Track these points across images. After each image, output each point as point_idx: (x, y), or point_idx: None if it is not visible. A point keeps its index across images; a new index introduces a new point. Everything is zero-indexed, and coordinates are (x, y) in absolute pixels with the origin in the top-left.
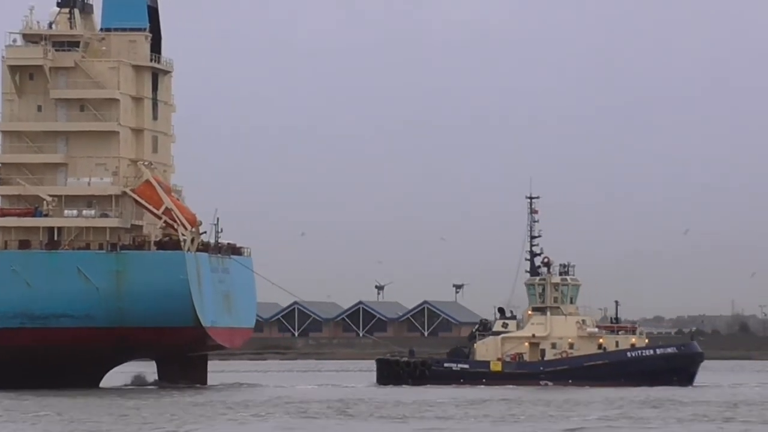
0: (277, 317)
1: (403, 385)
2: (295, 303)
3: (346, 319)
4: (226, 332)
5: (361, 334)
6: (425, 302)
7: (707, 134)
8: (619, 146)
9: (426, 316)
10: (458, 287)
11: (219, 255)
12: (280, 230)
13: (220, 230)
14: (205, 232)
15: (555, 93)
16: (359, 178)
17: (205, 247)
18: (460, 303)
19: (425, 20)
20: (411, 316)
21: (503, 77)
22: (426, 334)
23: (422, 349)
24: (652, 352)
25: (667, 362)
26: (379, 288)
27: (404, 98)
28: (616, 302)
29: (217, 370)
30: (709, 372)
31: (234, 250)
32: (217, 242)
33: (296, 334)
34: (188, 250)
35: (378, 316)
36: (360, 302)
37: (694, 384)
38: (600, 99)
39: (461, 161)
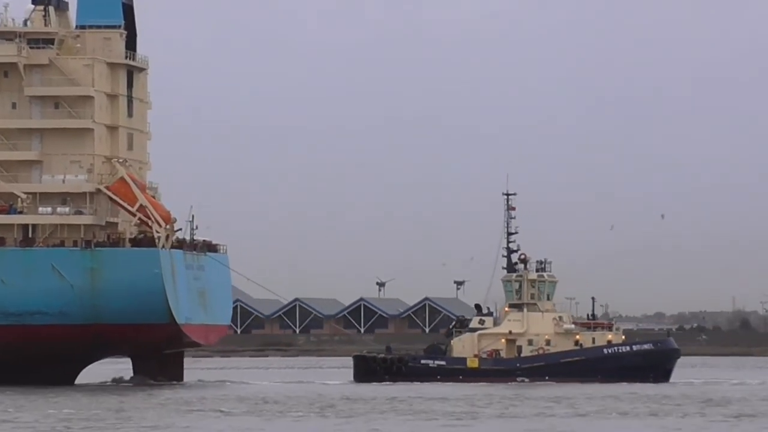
0: (278, 314)
1: (380, 382)
2: (297, 300)
3: (348, 316)
4: (201, 329)
5: (362, 331)
6: (426, 299)
7: (708, 131)
8: (620, 142)
9: (427, 312)
10: (459, 284)
11: (194, 252)
12: (281, 228)
13: (195, 227)
14: (181, 229)
15: (550, 89)
16: (359, 176)
17: (180, 245)
18: (461, 299)
19: (422, 19)
20: (412, 312)
21: (505, 72)
22: (427, 330)
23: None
24: (628, 348)
25: (644, 359)
26: (380, 285)
27: (405, 95)
28: (593, 299)
29: (214, 367)
30: (709, 368)
31: (210, 247)
32: (192, 239)
33: (297, 330)
34: (162, 247)
35: (379, 312)
36: (361, 299)
37: (671, 380)
38: (597, 95)
39: (462, 157)
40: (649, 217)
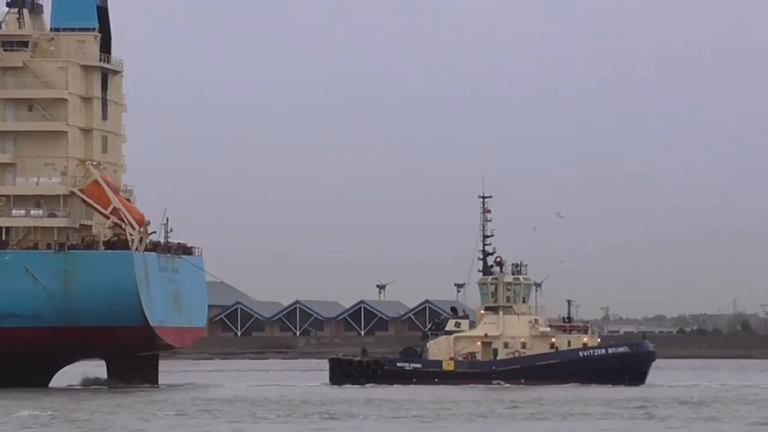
0: (278, 316)
1: (356, 385)
2: (297, 302)
3: (348, 319)
4: (176, 332)
5: (362, 333)
6: (427, 301)
7: (712, 135)
8: (621, 139)
9: (428, 314)
10: (460, 286)
11: (168, 255)
12: (281, 231)
13: (169, 230)
14: (155, 232)
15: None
16: (358, 176)
17: (154, 247)
18: (461, 302)
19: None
20: (412, 315)
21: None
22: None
23: None
24: (603, 351)
25: (619, 361)
26: (381, 287)
27: (396, 93)
28: (569, 301)
29: (213, 370)
30: (709, 371)
31: (185, 249)
32: (166, 242)
33: (298, 333)
34: (136, 249)
35: (379, 315)
36: (362, 301)
37: (646, 383)
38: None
39: (460, 155)
40: (650, 219)
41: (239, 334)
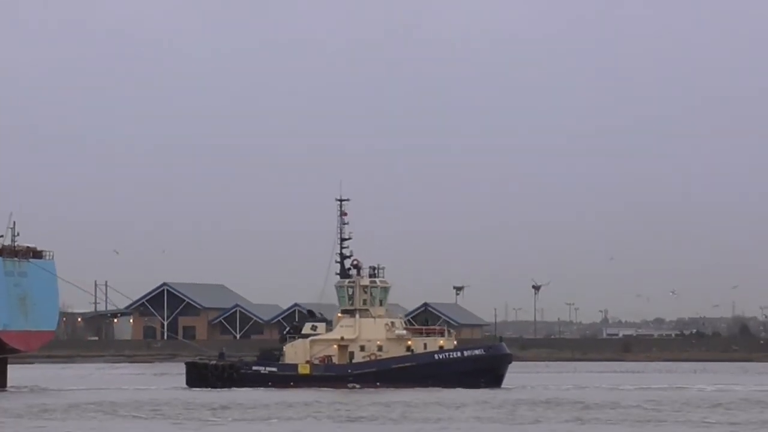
0: (277, 319)
1: (212, 388)
2: (296, 305)
3: None
4: (21, 336)
5: None
6: (426, 304)
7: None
8: (622, 137)
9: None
10: (458, 289)
11: (15, 258)
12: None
13: (16, 234)
14: (2, 236)
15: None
16: (356, 175)
17: None
18: (460, 305)
19: None
20: (412, 317)
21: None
22: None
23: None
24: (459, 354)
25: (475, 364)
26: None
27: (382, 99)
28: (426, 304)
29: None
30: (710, 374)
31: (35, 253)
32: (13, 245)
33: (297, 336)
34: None
35: None
36: None
37: (503, 386)
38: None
39: (465, 158)
40: (649, 220)
41: (238, 336)
